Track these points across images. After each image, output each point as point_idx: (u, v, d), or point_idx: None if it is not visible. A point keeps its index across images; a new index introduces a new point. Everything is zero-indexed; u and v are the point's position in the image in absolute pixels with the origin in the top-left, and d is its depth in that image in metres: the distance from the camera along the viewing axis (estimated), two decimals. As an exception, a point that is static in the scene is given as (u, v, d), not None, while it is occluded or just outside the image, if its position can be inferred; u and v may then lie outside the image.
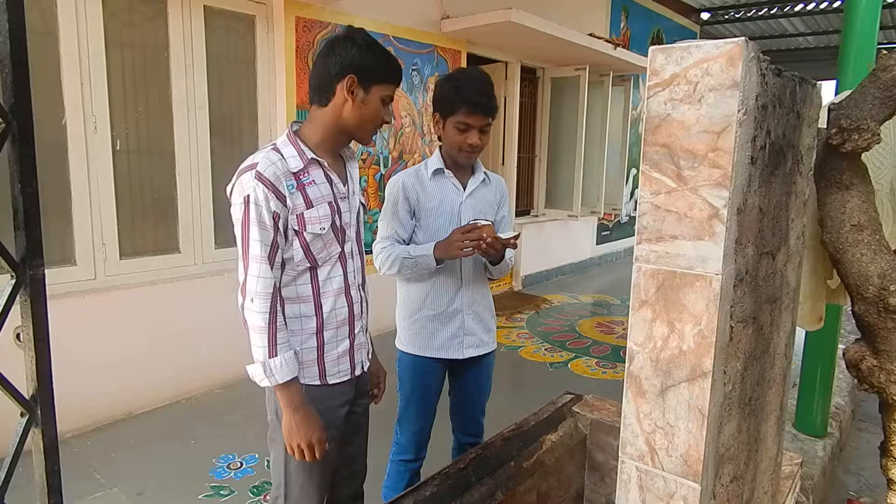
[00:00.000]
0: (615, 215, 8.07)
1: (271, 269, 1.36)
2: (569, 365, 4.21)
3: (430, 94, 5.04)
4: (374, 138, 1.90)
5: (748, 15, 9.96)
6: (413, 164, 4.63)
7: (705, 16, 9.97)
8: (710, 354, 0.89)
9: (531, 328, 5.05)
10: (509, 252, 1.94)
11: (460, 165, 1.96)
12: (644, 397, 0.96)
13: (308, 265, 1.43)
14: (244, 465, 2.78)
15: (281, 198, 1.35)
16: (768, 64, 0.93)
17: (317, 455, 1.41)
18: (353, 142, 1.54)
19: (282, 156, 1.39)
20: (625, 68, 7.04)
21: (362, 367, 1.61)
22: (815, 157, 1.27)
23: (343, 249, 1.50)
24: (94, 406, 3.13)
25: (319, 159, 1.43)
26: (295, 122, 1.50)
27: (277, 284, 1.38)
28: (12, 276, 0.67)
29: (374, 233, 4.77)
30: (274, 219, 1.35)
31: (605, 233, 8.13)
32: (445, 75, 1.97)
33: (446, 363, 2.04)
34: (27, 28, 0.69)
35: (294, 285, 1.44)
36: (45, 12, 2.92)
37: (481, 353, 2.04)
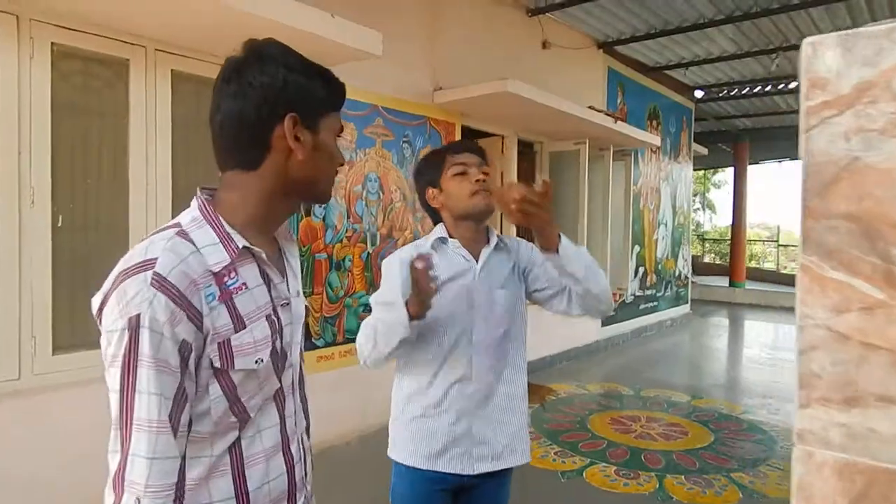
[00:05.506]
0: (620, 295, 7.61)
1: (175, 439, 0.83)
2: (583, 473, 3.62)
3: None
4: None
5: (742, 92, 9.96)
6: (404, 243, 4.24)
7: (699, 93, 9.95)
8: None
9: (537, 426, 4.46)
10: (570, 248, 1.50)
11: (471, 234, 1.66)
12: None
13: (232, 421, 0.91)
14: None
15: (195, 317, 0.84)
16: None
17: None
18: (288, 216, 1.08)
19: (194, 245, 0.88)
20: (625, 142, 6.82)
21: None
22: None
23: (282, 383, 0.98)
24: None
25: (253, 249, 0.93)
26: (204, 187, 1.00)
27: (184, 468, 0.86)
28: None
29: (359, 318, 4.31)
30: (181, 353, 0.83)
31: (611, 314, 7.64)
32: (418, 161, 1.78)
33: (451, 482, 1.61)
34: None
35: (203, 456, 0.89)
36: (-19, 73, 2.56)
37: (497, 469, 1.62)
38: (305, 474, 1.04)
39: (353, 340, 1.67)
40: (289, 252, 1.06)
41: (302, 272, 4.25)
